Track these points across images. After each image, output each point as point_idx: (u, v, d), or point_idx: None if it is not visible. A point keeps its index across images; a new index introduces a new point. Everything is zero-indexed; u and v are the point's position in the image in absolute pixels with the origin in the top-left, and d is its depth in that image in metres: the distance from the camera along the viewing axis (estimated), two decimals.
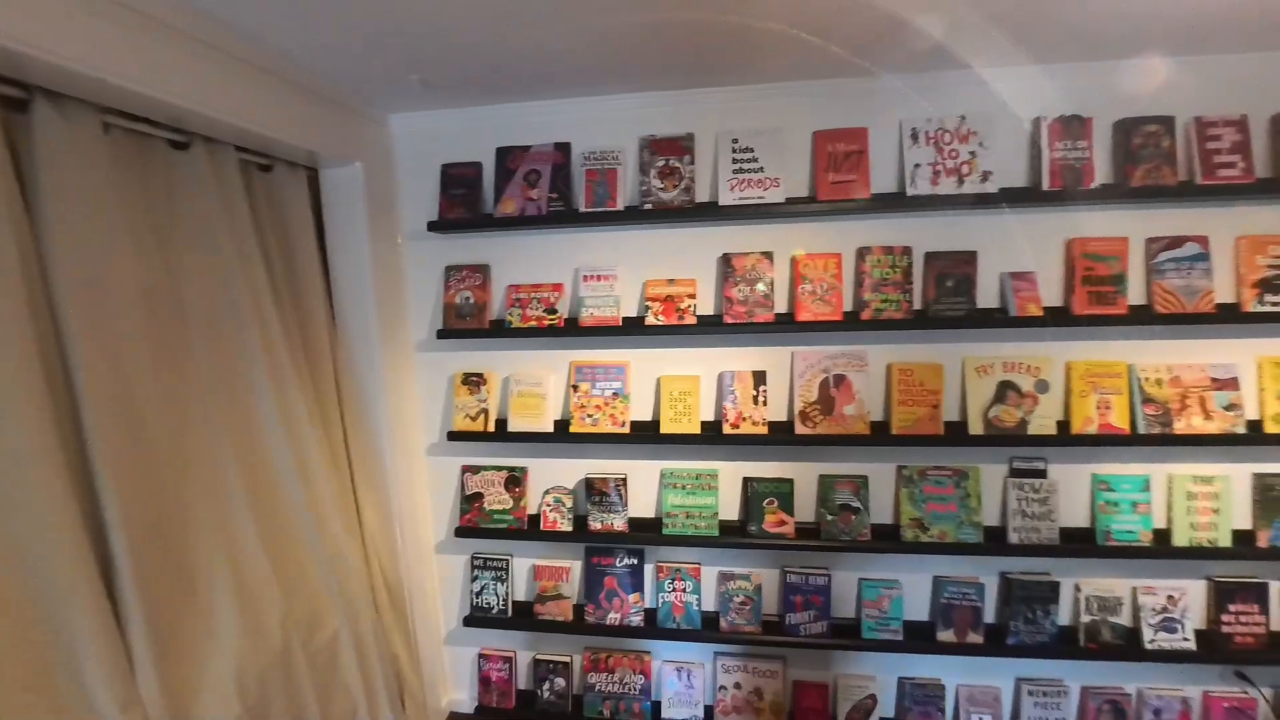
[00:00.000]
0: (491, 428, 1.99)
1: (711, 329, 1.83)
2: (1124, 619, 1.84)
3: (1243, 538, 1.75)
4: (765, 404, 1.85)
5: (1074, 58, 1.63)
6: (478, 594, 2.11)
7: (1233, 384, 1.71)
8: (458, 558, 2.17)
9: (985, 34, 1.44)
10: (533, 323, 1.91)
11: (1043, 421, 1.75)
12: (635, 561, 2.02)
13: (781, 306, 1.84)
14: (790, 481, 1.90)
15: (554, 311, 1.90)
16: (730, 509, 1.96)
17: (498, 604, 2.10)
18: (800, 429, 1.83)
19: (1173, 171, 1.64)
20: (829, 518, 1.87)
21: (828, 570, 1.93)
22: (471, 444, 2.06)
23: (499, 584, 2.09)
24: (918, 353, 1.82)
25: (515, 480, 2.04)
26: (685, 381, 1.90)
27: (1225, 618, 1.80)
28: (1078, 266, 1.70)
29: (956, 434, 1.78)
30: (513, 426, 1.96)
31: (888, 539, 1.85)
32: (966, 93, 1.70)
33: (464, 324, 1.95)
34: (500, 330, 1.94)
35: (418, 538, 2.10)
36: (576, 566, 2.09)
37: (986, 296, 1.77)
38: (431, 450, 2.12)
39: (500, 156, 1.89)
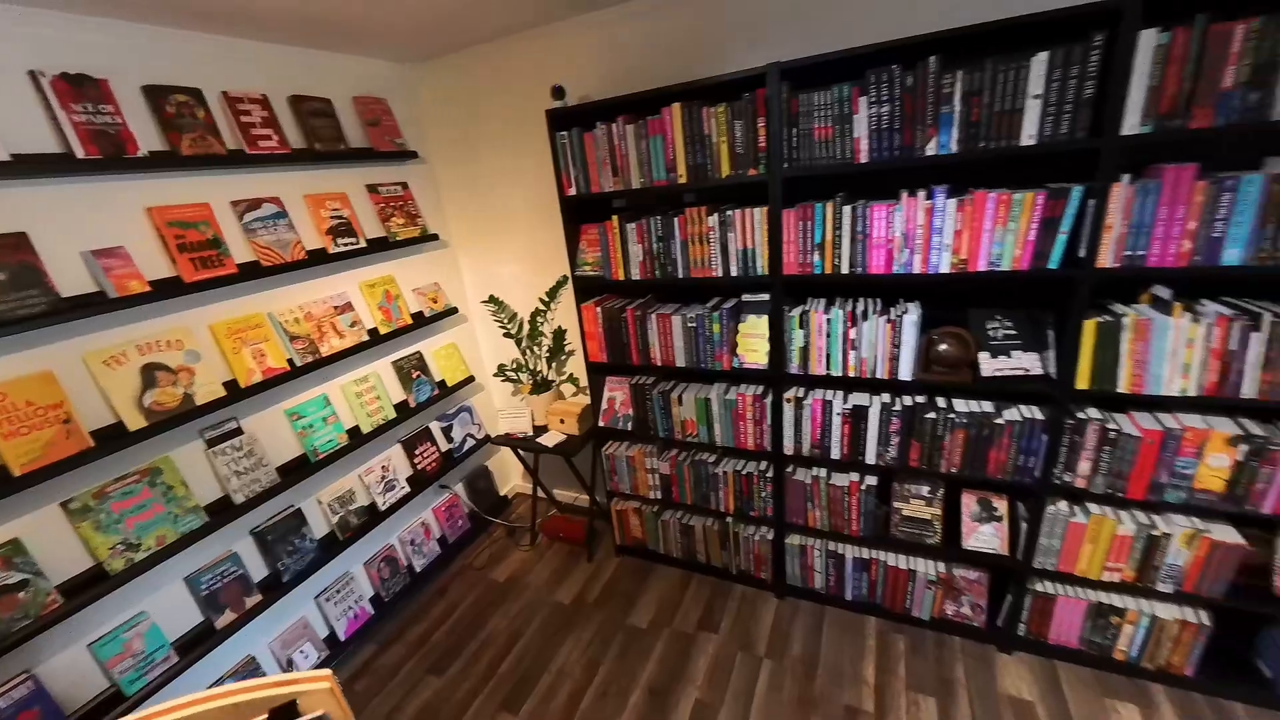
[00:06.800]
0: None
1: None
2: (362, 500, 2.36)
3: (401, 405, 2.53)
4: None
5: (62, 7, 1.47)
6: None
7: (349, 307, 2.29)
8: None
9: None
10: None
11: (210, 388, 1.81)
12: None
13: None
14: None
15: None
16: None
17: None
18: None
19: (220, 141, 1.84)
20: None
21: (27, 671, 1.47)
22: None
23: None
24: (4, 370, 1.44)
25: None
26: None
27: (416, 458, 2.61)
28: (168, 235, 1.72)
29: (117, 438, 1.60)
30: None
31: (95, 582, 1.56)
32: None
33: None
34: None
35: None
36: None
37: (74, 282, 1.55)
38: None
39: None
